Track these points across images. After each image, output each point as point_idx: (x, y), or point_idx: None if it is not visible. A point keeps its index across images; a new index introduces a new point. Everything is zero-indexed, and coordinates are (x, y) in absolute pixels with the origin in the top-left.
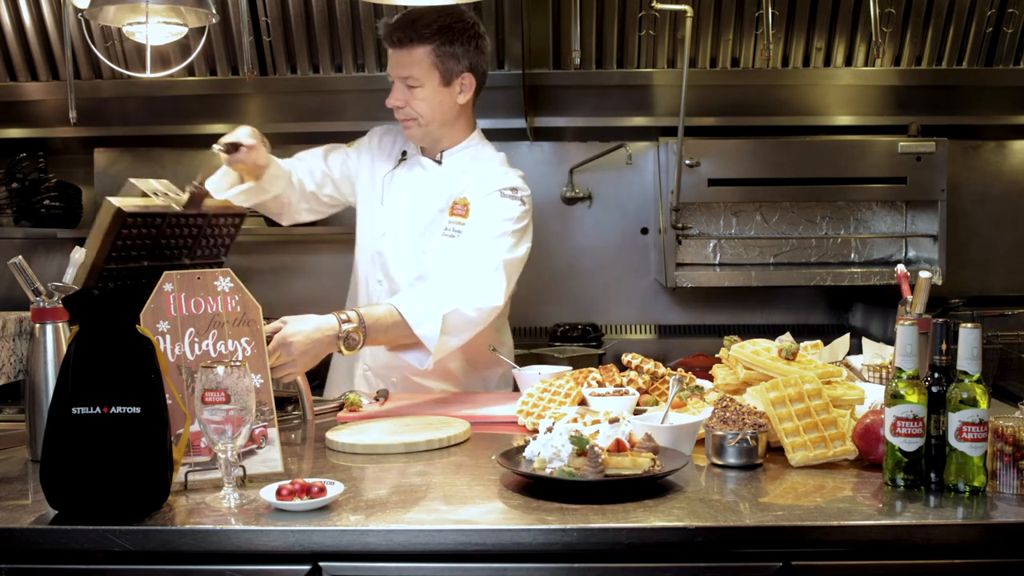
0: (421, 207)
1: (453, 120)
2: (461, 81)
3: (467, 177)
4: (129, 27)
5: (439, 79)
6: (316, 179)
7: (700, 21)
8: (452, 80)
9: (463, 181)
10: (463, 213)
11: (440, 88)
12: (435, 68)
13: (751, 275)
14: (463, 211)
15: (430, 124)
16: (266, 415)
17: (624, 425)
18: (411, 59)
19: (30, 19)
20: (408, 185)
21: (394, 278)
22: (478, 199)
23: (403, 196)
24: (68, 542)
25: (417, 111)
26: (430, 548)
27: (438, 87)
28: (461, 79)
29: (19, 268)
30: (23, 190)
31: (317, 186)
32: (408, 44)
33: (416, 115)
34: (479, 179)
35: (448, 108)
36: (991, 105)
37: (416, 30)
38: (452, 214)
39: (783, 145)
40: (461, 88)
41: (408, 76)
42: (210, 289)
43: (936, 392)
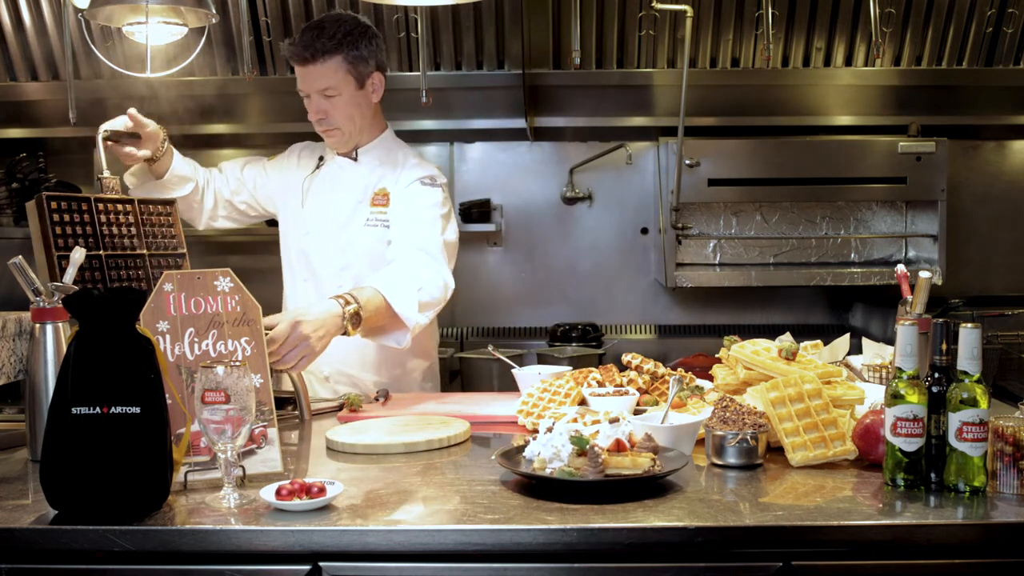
0: (341, 202)
1: (370, 120)
2: (372, 81)
3: (383, 169)
4: (129, 27)
5: (354, 84)
6: (231, 187)
7: (700, 21)
8: (365, 82)
9: (379, 173)
10: (384, 203)
11: (356, 92)
12: (349, 74)
13: (751, 275)
14: (384, 201)
15: (351, 128)
16: (266, 415)
17: (624, 425)
18: (325, 71)
19: (30, 19)
20: (327, 185)
21: (318, 272)
22: (398, 190)
23: (322, 195)
24: (68, 542)
25: (338, 120)
26: (430, 548)
27: (354, 92)
28: (372, 79)
29: (19, 268)
30: (23, 190)
31: (232, 193)
32: (320, 58)
33: (338, 124)
34: (396, 171)
35: (365, 109)
36: (991, 105)
37: (323, 43)
38: (373, 204)
39: (783, 145)
40: (373, 88)
41: (326, 88)
42: (210, 289)
43: (936, 392)
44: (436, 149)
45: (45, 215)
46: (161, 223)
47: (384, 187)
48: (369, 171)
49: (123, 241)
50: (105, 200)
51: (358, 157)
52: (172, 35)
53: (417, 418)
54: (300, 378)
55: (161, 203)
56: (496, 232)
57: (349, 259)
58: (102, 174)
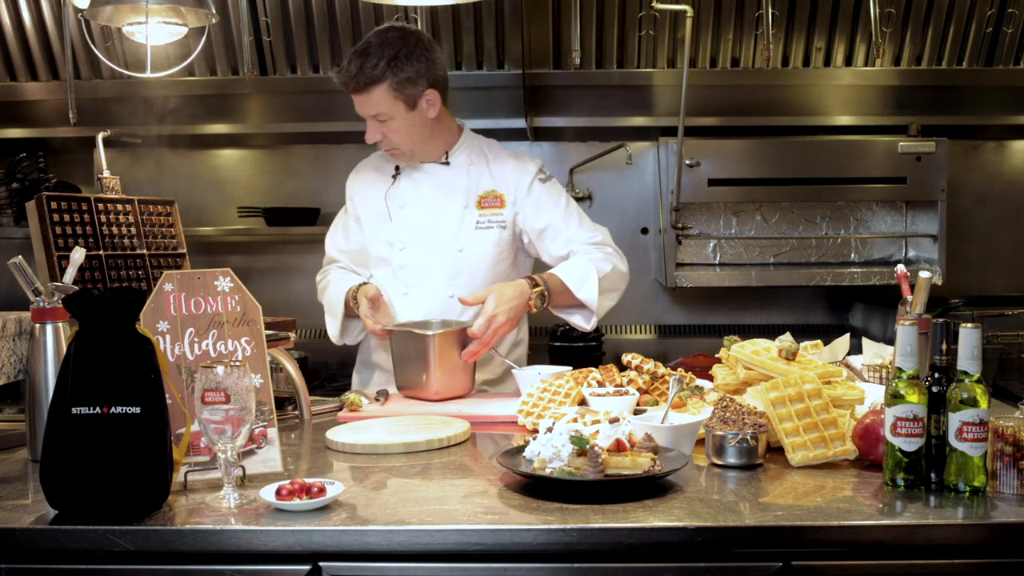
0: (442, 209)
1: (432, 133)
2: (426, 99)
3: (478, 169)
4: (129, 27)
5: (404, 107)
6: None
7: (700, 21)
8: (417, 102)
9: (475, 173)
10: (497, 205)
11: (409, 114)
12: (398, 100)
13: (751, 275)
14: (497, 203)
15: (413, 147)
16: (266, 415)
17: (624, 425)
18: (372, 100)
19: (30, 19)
20: (414, 194)
21: (425, 284)
22: (519, 194)
23: (416, 205)
24: (68, 542)
25: (396, 141)
26: (430, 548)
27: (406, 114)
28: (425, 97)
29: (19, 268)
30: (23, 190)
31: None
32: (365, 88)
33: (397, 144)
34: (499, 170)
35: (423, 127)
36: (991, 105)
37: (366, 73)
38: (481, 207)
39: (783, 145)
40: (428, 105)
41: (376, 114)
42: (210, 289)
43: (936, 392)
44: None
45: (45, 215)
46: (161, 223)
47: (492, 189)
48: (465, 174)
49: (123, 241)
50: (105, 200)
51: (449, 161)
52: (172, 35)
53: (417, 418)
54: (300, 378)
55: (161, 203)
56: None
57: (460, 265)
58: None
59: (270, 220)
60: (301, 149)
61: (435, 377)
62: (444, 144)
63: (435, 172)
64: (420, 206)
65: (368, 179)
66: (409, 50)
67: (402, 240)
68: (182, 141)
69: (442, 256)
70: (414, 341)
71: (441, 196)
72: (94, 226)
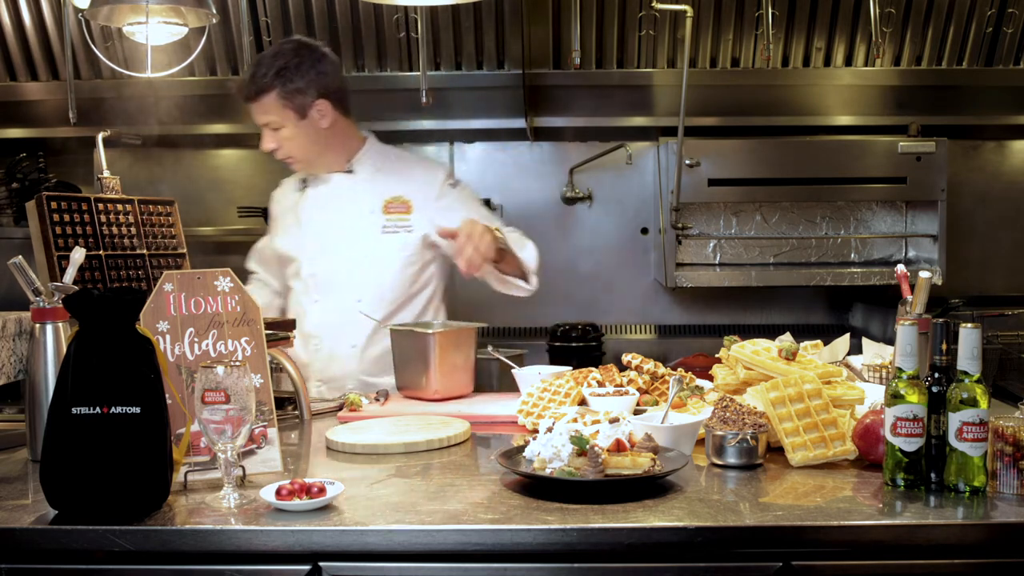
0: (347, 216)
1: (327, 143)
2: (316, 109)
3: (385, 177)
4: (129, 27)
5: (295, 116)
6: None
7: (700, 21)
8: (307, 112)
9: (382, 181)
10: (403, 210)
11: (300, 123)
12: (287, 109)
13: (751, 275)
14: (403, 208)
15: (307, 156)
16: (266, 415)
17: (624, 425)
18: (264, 107)
19: (30, 19)
20: (320, 204)
21: (335, 290)
22: (429, 198)
23: (323, 214)
24: (68, 542)
25: (289, 150)
26: (430, 548)
27: (297, 123)
28: (315, 108)
29: (19, 268)
30: (23, 190)
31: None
32: (256, 97)
33: (290, 153)
34: (405, 177)
35: (316, 136)
36: (991, 105)
37: (256, 82)
38: (387, 212)
39: (783, 145)
40: (319, 115)
41: (268, 122)
42: (210, 289)
43: (936, 392)
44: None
45: (45, 215)
46: (161, 223)
47: (399, 195)
48: (369, 181)
49: (123, 241)
50: (105, 200)
51: (354, 169)
52: (172, 35)
53: (417, 418)
54: (300, 378)
55: (161, 203)
56: None
57: (367, 270)
58: (102, 174)
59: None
60: None
61: (435, 377)
62: (345, 153)
63: (339, 181)
64: (325, 215)
65: (283, 193)
66: (299, 61)
67: (310, 249)
68: (182, 141)
69: (349, 263)
70: (414, 341)
71: (345, 204)
72: (94, 226)
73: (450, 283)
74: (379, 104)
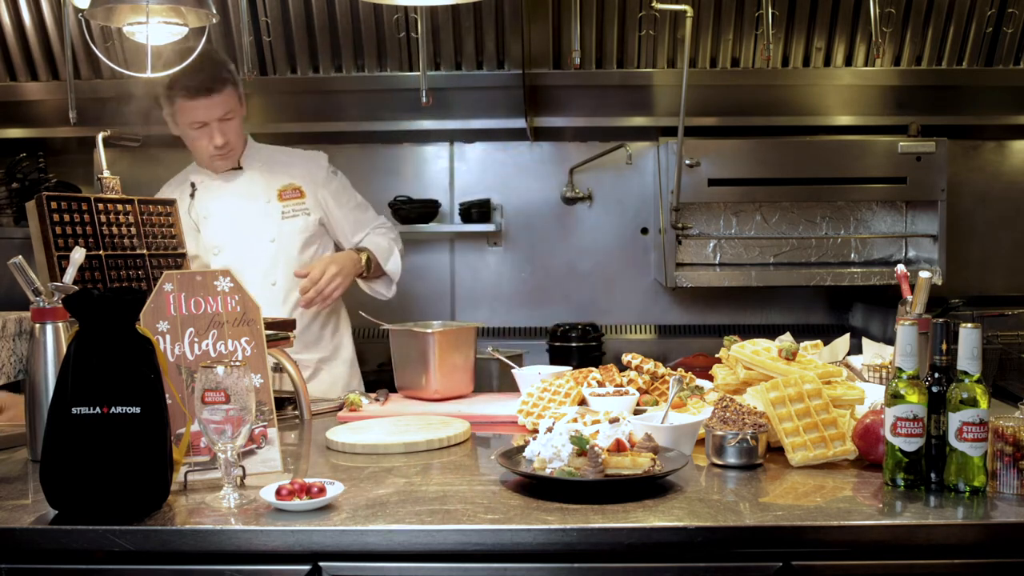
0: (245, 209)
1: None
2: (243, 98)
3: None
4: (129, 27)
5: (240, 107)
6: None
7: (700, 21)
8: (243, 102)
9: (270, 173)
10: (297, 196)
11: (241, 113)
12: (239, 99)
13: (751, 275)
14: (296, 194)
15: (241, 145)
16: (266, 415)
17: (624, 425)
18: (223, 99)
19: (30, 19)
20: (216, 203)
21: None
22: (318, 183)
23: (219, 212)
24: (68, 542)
25: (234, 140)
26: (430, 548)
27: (240, 113)
28: (243, 97)
29: (19, 268)
30: (23, 190)
31: None
32: (220, 89)
33: (234, 144)
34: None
35: (243, 126)
36: (991, 105)
37: (222, 75)
38: (283, 199)
39: (783, 145)
40: (244, 104)
41: (225, 113)
42: (210, 289)
43: (936, 392)
44: (436, 149)
45: (45, 215)
46: (161, 223)
47: (290, 183)
48: (259, 174)
49: (123, 241)
50: (105, 200)
51: (242, 165)
52: (172, 35)
53: (417, 418)
54: (300, 378)
55: (161, 203)
56: (496, 232)
57: (275, 254)
58: (102, 174)
59: None
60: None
61: (435, 377)
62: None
63: (231, 178)
64: (224, 212)
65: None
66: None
67: (215, 246)
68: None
69: (256, 250)
70: (414, 340)
71: (241, 198)
72: (94, 226)
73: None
74: (379, 104)
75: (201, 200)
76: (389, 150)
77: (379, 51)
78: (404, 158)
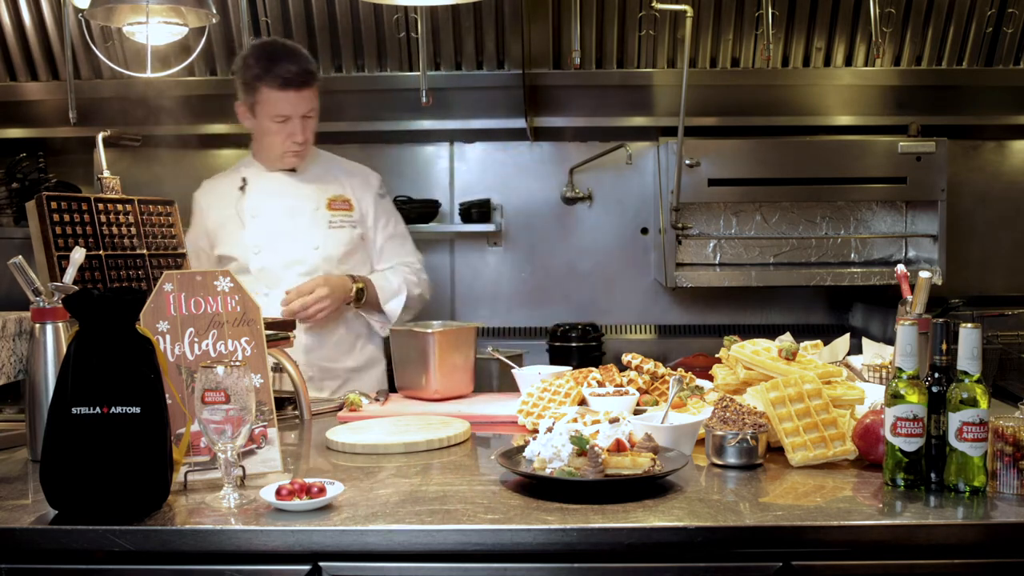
0: (295, 212)
1: None
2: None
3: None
4: (129, 27)
5: (317, 107)
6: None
7: (700, 21)
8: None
9: (323, 181)
10: (346, 207)
11: (317, 112)
12: (318, 98)
13: (751, 275)
14: (346, 206)
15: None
16: (266, 415)
17: (624, 425)
18: (310, 96)
19: (30, 19)
20: (266, 202)
21: (282, 282)
22: (365, 199)
23: (268, 212)
24: (68, 542)
25: (310, 138)
26: (430, 548)
27: (317, 112)
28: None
29: (19, 268)
30: (23, 190)
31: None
32: (310, 85)
33: (309, 142)
34: (341, 175)
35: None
36: (991, 105)
37: (311, 72)
38: (331, 209)
39: (783, 145)
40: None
41: (308, 111)
42: (210, 289)
43: (936, 392)
44: (436, 149)
45: (45, 215)
46: (161, 223)
47: (340, 193)
48: (312, 179)
49: (123, 241)
50: (105, 200)
51: (297, 168)
52: (172, 35)
53: (417, 418)
54: (300, 378)
55: (161, 203)
56: (496, 232)
57: (317, 262)
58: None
59: None
60: None
61: (435, 377)
62: None
63: (284, 180)
64: (273, 211)
65: (218, 193)
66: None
67: (257, 245)
68: (182, 141)
69: (299, 255)
70: (414, 340)
71: (292, 200)
72: (94, 226)
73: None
74: (379, 104)
75: (252, 196)
76: (389, 150)
77: (379, 51)
78: (404, 158)
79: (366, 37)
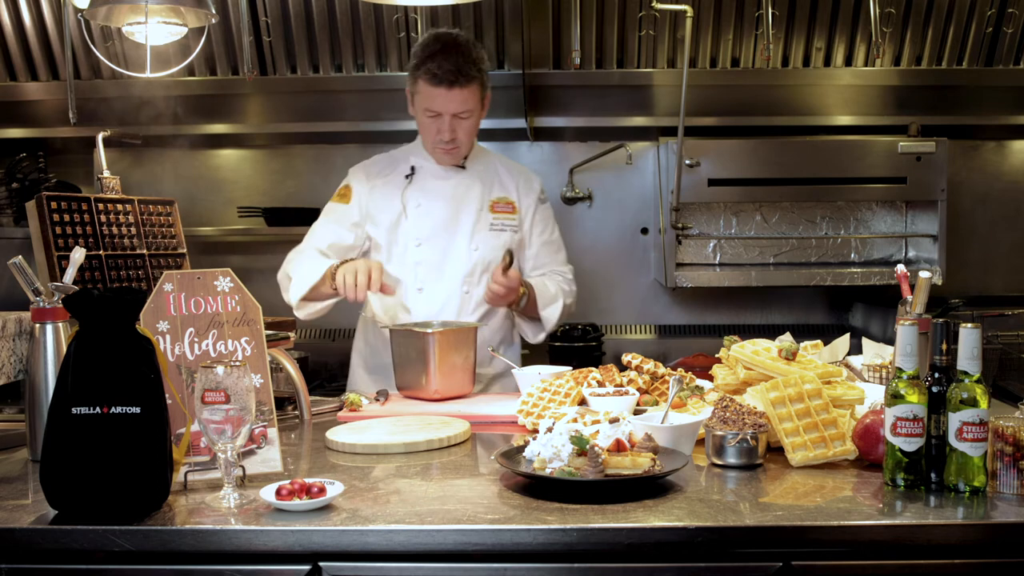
0: (459, 210)
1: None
2: (487, 101)
3: (490, 176)
4: (129, 27)
5: (479, 106)
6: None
7: (700, 21)
8: (485, 103)
9: (488, 180)
10: (509, 210)
11: (478, 113)
12: (480, 98)
13: (751, 275)
14: (509, 208)
15: (468, 145)
16: (266, 415)
17: (624, 425)
18: (467, 95)
19: (30, 19)
20: (432, 195)
21: (442, 278)
22: (526, 203)
23: (432, 205)
24: (68, 542)
25: (462, 139)
26: (430, 548)
27: (478, 113)
28: (487, 99)
29: (19, 268)
30: (23, 190)
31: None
32: (468, 83)
33: (461, 142)
34: (508, 178)
35: (478, 127)
36: (991, 105)
37: (470, 69)
38: (494, 211)
39: (783, 145)
40: (485, 107)
41: (464, 111)
42: (210, 289)
43: (936, 392)
44: None
45: (45, 215)
46: (161, 223)
47: (504, 195)
48: (479, 179)
49: (123, 241)
50: (105, 200)
51: (466, 166)
52: (172, 35)
53: (417, 418)
54: (300, 378)
55: (161, 203)
56: None
57: (475, 263)
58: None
59: (270, 220)
60: (301, 149)
61: (435, 377)
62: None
63: (451, 175)
64: (437, 206)
65: (381, 177)
66: (480, 53)
67: (418, 237)
68: (182, 141)
69: (458, 254)
70: (414, 340)
71: (458, 198)
72: (94, 226)
73: None
74: (379, 104)
75: (418, 186)
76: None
77: (379, 51)
78: None
79: (366, 37)
